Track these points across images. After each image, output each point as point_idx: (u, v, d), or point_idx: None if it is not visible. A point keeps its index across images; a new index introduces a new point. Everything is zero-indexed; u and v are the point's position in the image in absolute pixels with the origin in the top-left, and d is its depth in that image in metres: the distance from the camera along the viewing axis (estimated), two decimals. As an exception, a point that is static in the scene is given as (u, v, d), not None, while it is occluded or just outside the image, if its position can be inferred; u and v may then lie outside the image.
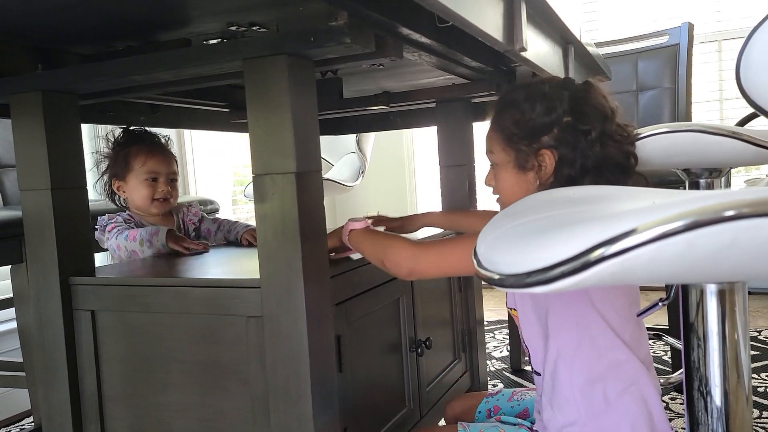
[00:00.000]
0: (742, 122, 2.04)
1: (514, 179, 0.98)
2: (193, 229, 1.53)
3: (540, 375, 1.00)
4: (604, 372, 0.92)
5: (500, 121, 0.98)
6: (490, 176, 1.03)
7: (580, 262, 0.42)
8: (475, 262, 0.54)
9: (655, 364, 2.06)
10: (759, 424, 1.57)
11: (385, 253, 0.93)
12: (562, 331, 0.94)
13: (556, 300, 0.94)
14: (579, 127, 0.91)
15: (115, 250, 1.33)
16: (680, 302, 0.62)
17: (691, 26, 2.30)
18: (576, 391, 0.92)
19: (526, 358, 1.05)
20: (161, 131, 1.52)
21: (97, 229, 1.40)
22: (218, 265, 1.12)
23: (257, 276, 0.86)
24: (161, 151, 1.45)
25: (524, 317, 1.01)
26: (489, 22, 0.79)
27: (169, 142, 1.50)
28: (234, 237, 1.48)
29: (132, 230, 1.32)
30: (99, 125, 2.30)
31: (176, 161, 1.50)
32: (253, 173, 0.85)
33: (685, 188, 1.26)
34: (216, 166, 3.11)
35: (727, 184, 2.64)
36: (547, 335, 0.95)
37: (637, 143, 1.00)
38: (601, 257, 0.41)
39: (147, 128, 1.48)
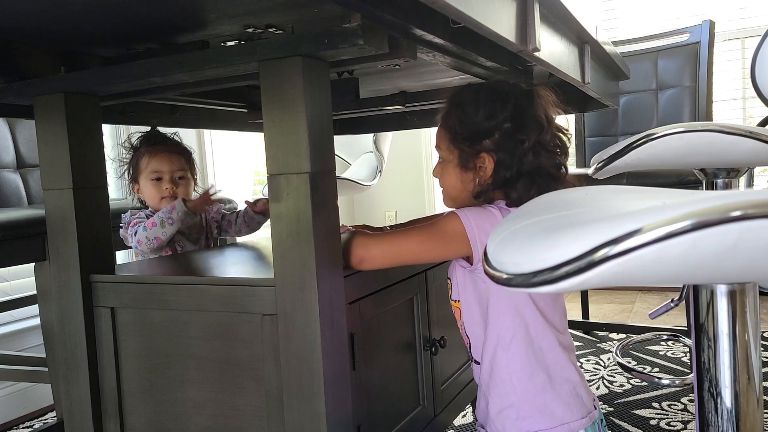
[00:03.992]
0: (764, 122, 2.01)
1: (456, 177, 1.04)
2: (215, 226, 1.55)
3: (479, 364, 1.06)
4: (536, 358, 0.99)
5: (448, 119, 1.04)
6: (438, 169, 1.08)
7: (585, 262, 0.43)
8: (484, 261, 0.55)
9: (674, 366, 2.05)
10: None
11: (344, 247, 0.96)
12: (502, 317, 1.00)
13: (496, 288, 0.99)
14: (517, 135, 0.97)
15: (136, 246, 1.36)
16: (691, 302, 0.62)
17: (712, 24, 2.27)
18: (513, 376, 1.00)
19: (467, 348, 1.11)
20: (179, 131, 1.54)
21: (121, 227, 1.42)
22: (235, 264, 1.14)
23: (272, 275, 0.88)
24: (165, 150, 1.46)
25: (467, 306, 1.06)
26: (501, 22, 0.79)
27: (174, 136, 1.51)
28: (250, 216, 1.52)
29: (148, 220, 1.35)
30: (121, 134, 2.34)
31: (188, 159, 1.51)
32: (267, 173, 0.86)
33: (702, 188, 1.24)
34: (237, 165, 3.14)
35: (750, 184, 2.61)
36: (487, 323, 1.02)
37: (653, 143, 1.00)
38: (605, 257, 0.42)
39: (159, 128, 1.50)
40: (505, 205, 1.00)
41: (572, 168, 2.52)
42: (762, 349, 2.17)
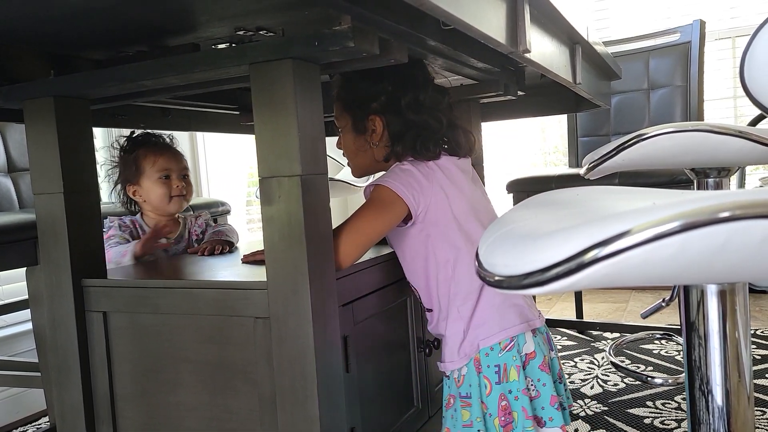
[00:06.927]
0: (754, 122, 2.02)
1: (353, 142, 1.15)
2: (195, 240, 1.54)
3: (431, 311, 1.11)
4: (476, 288, 1.06)
5: (339, 91, 1.15)
6: (340, 141, 1.18)
7: (575, 264, 0.43)
8: (476, 264, 0.55)
9: (668, 364, 2.05)
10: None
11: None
12: (439, 251, 1.07)
13: (433, 229, 1.06)
14: (400, 96, 1.08)
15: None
16: (681, 301, 0.62)
17: (702, 23, 2.28)
18: (456, 305, 1.06)
19: (417, 298, 1.16)
20: (169, 133, 1.54)
21: None
22: (227, 267, 1.13)
23: (264, 278, 0.87)
24: (169, 149, 1.48)
25: (408, 258, 1.11)
26: (491, 24, 0.79)
27: (173, 140, 1.52)
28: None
29: (108, 252, 1.33)
30: (112, 135, 2.33)
31: (184, 158, 1.51)
32: (259, 176, 0.86)
33: (694, 187, 1.25)
34: (231, 167, 3.12)
35: (741, 183, 2.62)
36: (427, 264, 1.07)
37: (644, 143, 1.00)
38: (594, 259, 0.42)
39: (150, 131, 1.50)
40: (411, 158, 1.10)
41: (565, 168, 2.52)
42: (753, 347, 2.18)
